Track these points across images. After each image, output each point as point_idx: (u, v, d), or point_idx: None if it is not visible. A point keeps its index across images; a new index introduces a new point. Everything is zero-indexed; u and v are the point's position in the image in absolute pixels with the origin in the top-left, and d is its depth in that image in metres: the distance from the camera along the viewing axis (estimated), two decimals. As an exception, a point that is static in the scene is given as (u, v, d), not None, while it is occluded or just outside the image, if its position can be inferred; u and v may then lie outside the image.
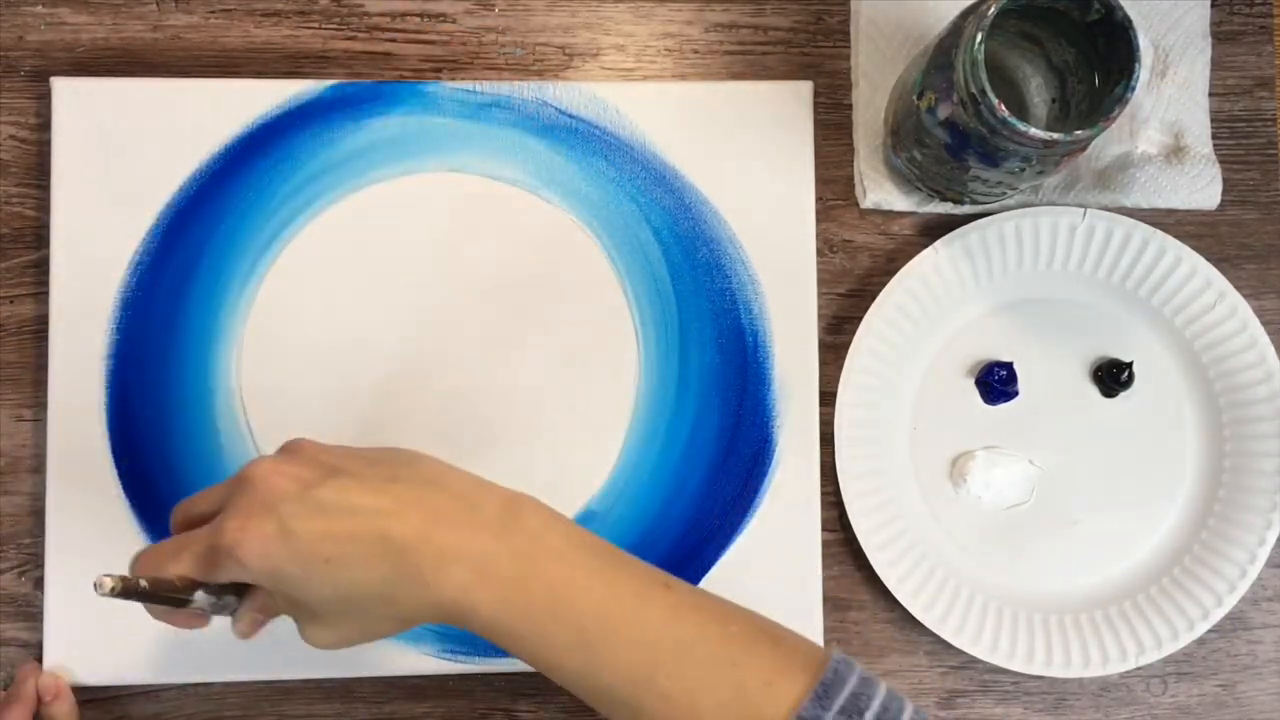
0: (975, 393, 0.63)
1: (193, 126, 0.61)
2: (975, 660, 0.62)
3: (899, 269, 0.62)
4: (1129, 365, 0.63)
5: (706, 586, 0.52)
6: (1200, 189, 0.63)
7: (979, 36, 0.51)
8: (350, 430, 0.60)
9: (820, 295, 0.63)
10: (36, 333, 0.61)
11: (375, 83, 0.62)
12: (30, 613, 0.60)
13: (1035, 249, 0.62)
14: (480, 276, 0.61)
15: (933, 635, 0.61)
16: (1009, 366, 0.63)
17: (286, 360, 0.61)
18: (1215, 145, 0.64)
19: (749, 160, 0.62)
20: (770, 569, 0.61)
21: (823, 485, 0.61)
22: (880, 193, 0.63)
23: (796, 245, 0.62)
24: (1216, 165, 0.64)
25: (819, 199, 0.63)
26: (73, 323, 0.60)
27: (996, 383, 0.63)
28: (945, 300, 0.62)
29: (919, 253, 0.62)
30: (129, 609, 0.58)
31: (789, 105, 0.63)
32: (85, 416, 0.59)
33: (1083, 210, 0.62)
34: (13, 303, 0.61)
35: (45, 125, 0.61)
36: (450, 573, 0.43)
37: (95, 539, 0.59)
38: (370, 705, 0.61)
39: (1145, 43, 0.63)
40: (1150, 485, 0.63)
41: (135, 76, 0.62)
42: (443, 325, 0.61)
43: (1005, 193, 0.61)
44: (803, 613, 0.61)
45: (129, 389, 0.60)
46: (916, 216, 0.64)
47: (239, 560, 0.43)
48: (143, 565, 0.46)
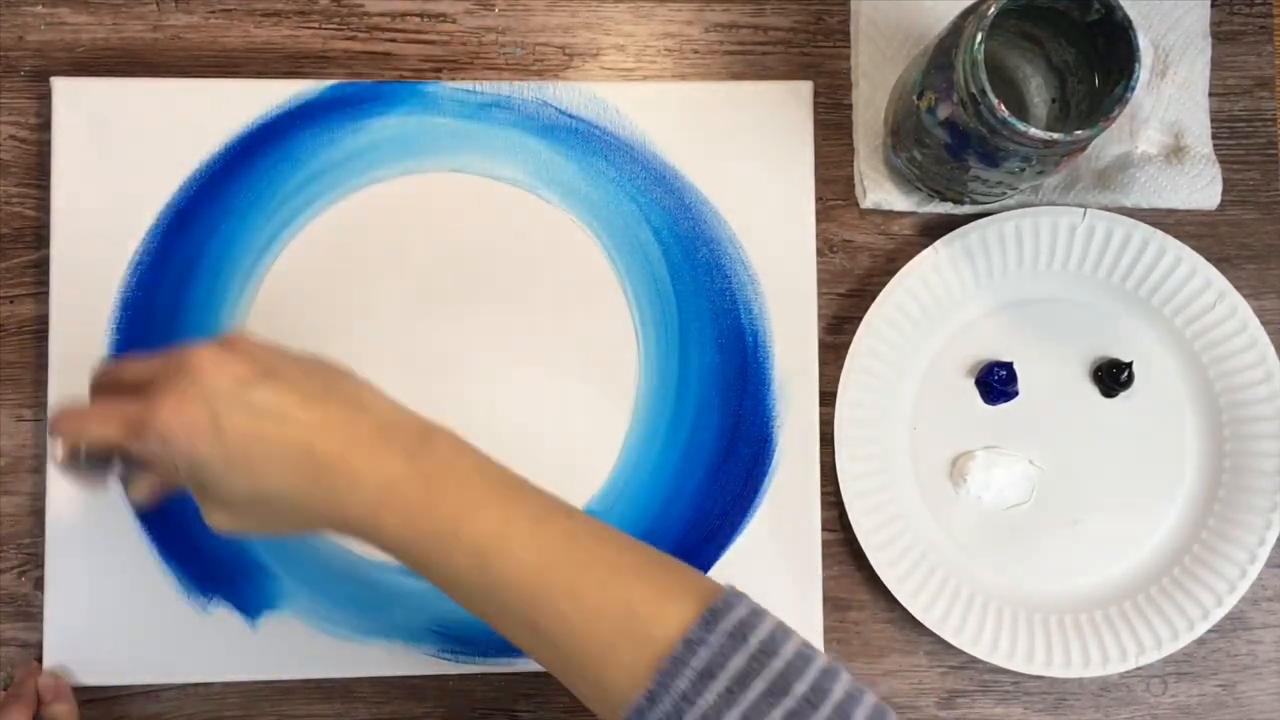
0: (975, 393, 0.63)
1: (193, 126, 0.61)
2: (975, 660, 0.62)
3: (899, 269, 0.62)
4: (1129, 365, 0.63)
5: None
6: (1200, 189, 0.63)
7: (979, 36, 0.51)
8: (350, 430, 0.60)
9: (820, 295, 0.63)
10: (36, 333, 0.61)
11: (375, 83, 0.62)
12: (30, 613, 0.60)
13: (1035, 249, 0.62)
14: (480, 276, 0.61)
15: (933, 635, 0.61)
16: (1009, 366, 0.63)
17: (286, 360, 0.61)
18: (1215, 145, 0.64)
19: (749, 160, 0.62)
20: (770, 569, 0.61)
21: (823, 485, 0.61)
22: (880, 193, 0.63)
23: (796, 245, 0.62)
24: (1216, 165, 0.64)
25: (819, 199, 0.63)
26: (73, 323, 0.60)
27: (996, 383, 0.63)
28: (945, 300, 0.62)
29: (919, 253, 0.62)
30: (128, 609, 0.58)
31: (789, 105, 0.63)
32: (85, 416, 0.59)
33: (1083, 210, 0.62)
34: (13, 303, 0.61)
35: (45, 125, 0.61)
36: (361, 493, 0.45)
37: (95, 539, 0.59)
38: (370, 705, 0.61)
39: (1145, 43, 0.63)
40: (1150, 485, 0.63)
41: (135, 76, 0.62)
42: (442, 325, 0.61)
43: (1005, 193, 0.61)
44: (803, 613, 0.61)
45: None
46: (916, 216, 0.64)
47: (165, 442, 0.44)
48: (66, 424, 0.47)
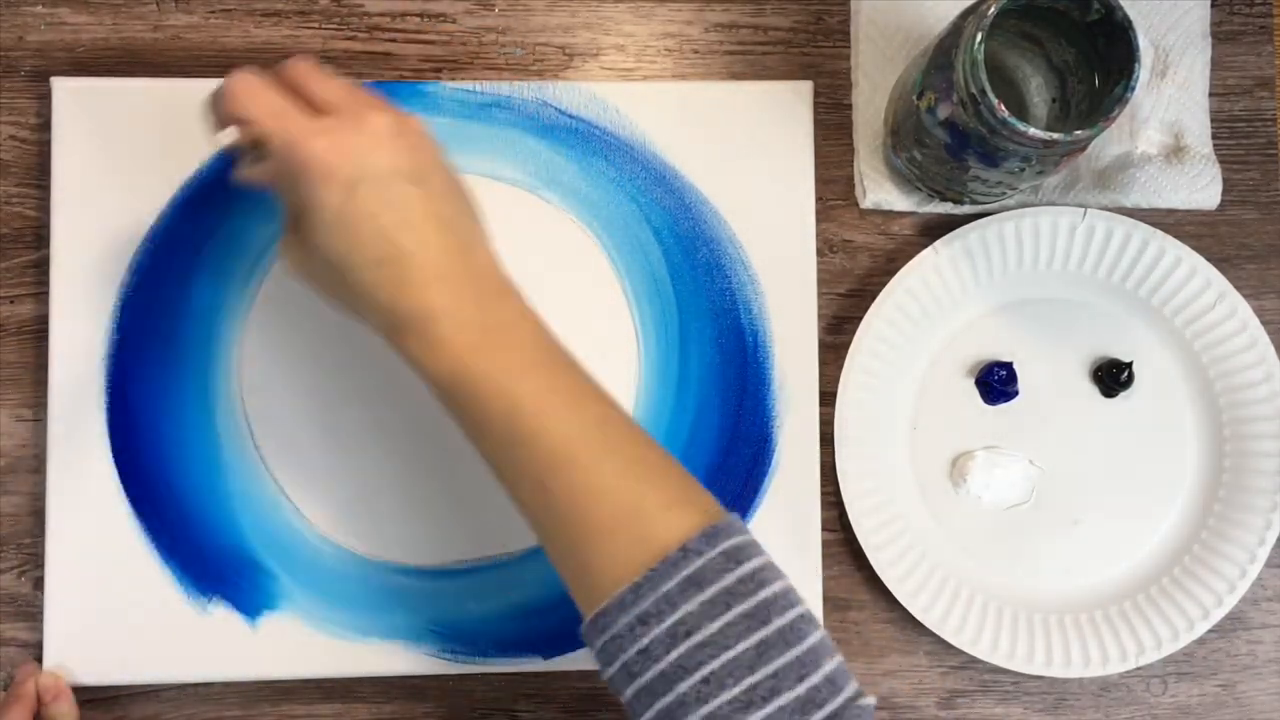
0: (975, 393, 0.63)
1: (193, 126, 0.60)
2: (975, 660, 0.62)
3: (899, 269, 0.62)
4: (1129, 365, 0.63)
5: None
6: (1200, 189, 0.63)
7: (979, 36, 0.51)
8: (350, 429, 0.60)
9: (820, 295, 0.63)
10: (36, 333, 0.61)
11: (375, 83, 0.62)
12: (30, 613, 0.60)
13: (1035, 249, 0.62)
14: (480, 276, 0.61)
15: (933, 635, 0.61)
16: (1009, 366, 0.63)
17: (286, 360, 0.61)
18: (1215, 145, 0.64)
19: (749, 160, 0.62)
20: (770, 569, 0.61)
21: (823, 485, 0.61)
22: (880, 193, 0.63)
23: (796, 245, 0.62)
24: (1216, 165, 0.64)
25: (819, 199, 0.63)
26: (73, 323, 0.59)
27: (996, 383, 0.63)
28: (945, 300, 0.62)
29: (919, 253, 0.62)
30: (128, 609, 0.58)
31: (789, 105, 0.63)
32: (85, 416, 0.59)
33: (1083, 210, 0.62)
34: (13, 303, 0.61)
35: (45, 125, 0.61)
36: (425, 318, 0.46)
37: (95, 539, 0.59)
38: (370, 705, 0.61)
39: (1145, 43, 0.63)
40: (1150, 485, 0.63)
41: (135, 76, 0.62)
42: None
43: (1005, 193, 0.61)
44: (803, 613, 0.61)
45: (129, 389, 0.60)
46: (916, 216, 0.64)
47: (301, 169, 0.45)
48: (241, 92, 0.47)
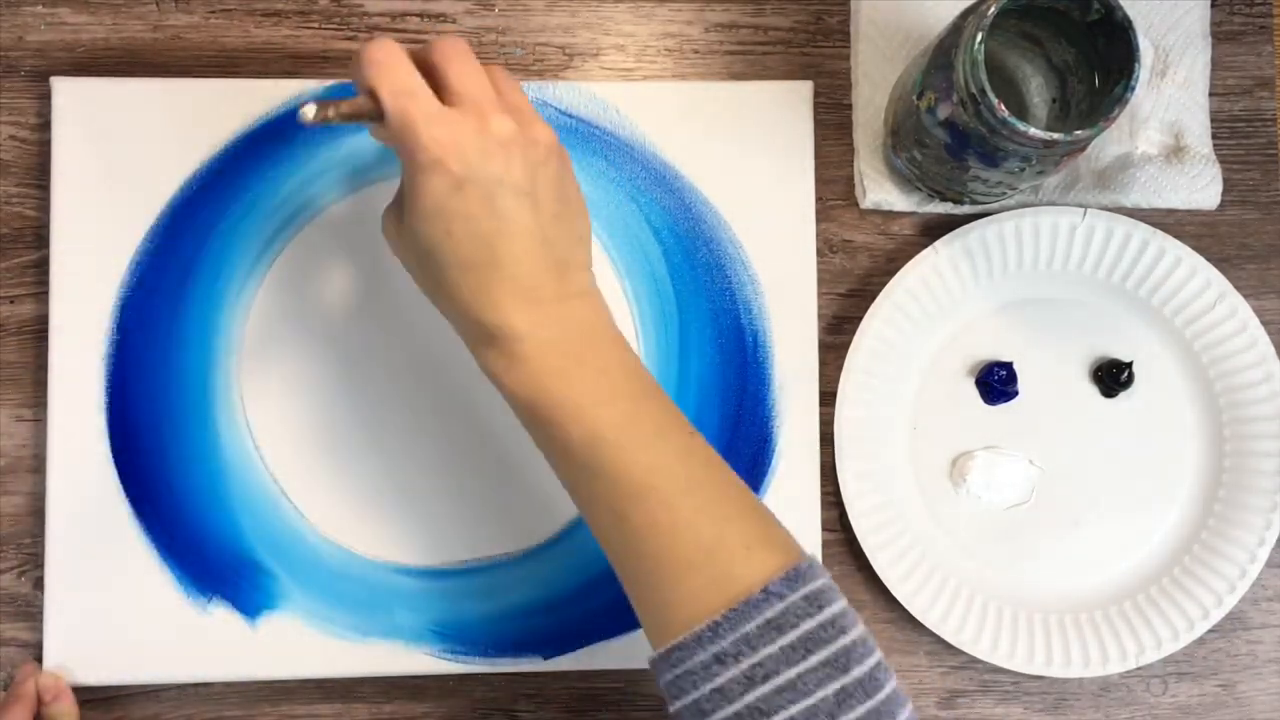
0: (975, 393, 0.63)
1: (193, 126, 0.61)
2: (975, 660, 0.62)
3: (899, 269, 0.62)
4: (1129, 365, 0.63)
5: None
6: (1200, 189, 0.63)
7: (979, 36, 0.51)
8: (350, 429, 0.60)
9: (820, 295, 0.63)
10: (36, 333, 0.61)
11: (375, 83, 0.62)
12: (30, 613, 0.60)
13: (1035, 249, 0.62)
14: (480, 276, 0.61)
15: (933, 635, 0.61)
16: (1009, 366, 0.63)
17: (286, 360, 0.61)
18: (1215, 145, 0.64)
19: (749, 160, 0.62)
20: (770, 569, 0.61)
21: (823, 485, 0.61)
22: (880, 193, 0.63)
23: (796, 245, 0.62)
24: (1216, 165, 0.64)
25: (819, 199, 0.63)
26: (73, 323, 0.59)
27: (996, 383, 0.63)
28: (945, 300, 0.62)
29: (919, 253, 0.62)
30: (128, 609, 0.58)
31: (789, 105, 0.63)
32: (85, 416, 0.59)
33: (1083, 210, 0.62)
34: (13, 303, 0.61)
35: (45, 125, 0.61)
36: (509, 339, 0.46)
37: (95, 539, 0.59)
38: (370, 705, 0.61)
39: (1145, 43, 0.63)
40: (1150, 485, 0.63)
41: (135, 76, 0.62)
42: (443, 325, 0.61)
43: (1005, 193, 0.61)
44: (803, 613, 0.61)
45: (129, 389, 0.60)
46: (916, 216, 0.64)
47: (413, 150, 0.44)
48: (376, 60, 0.45)
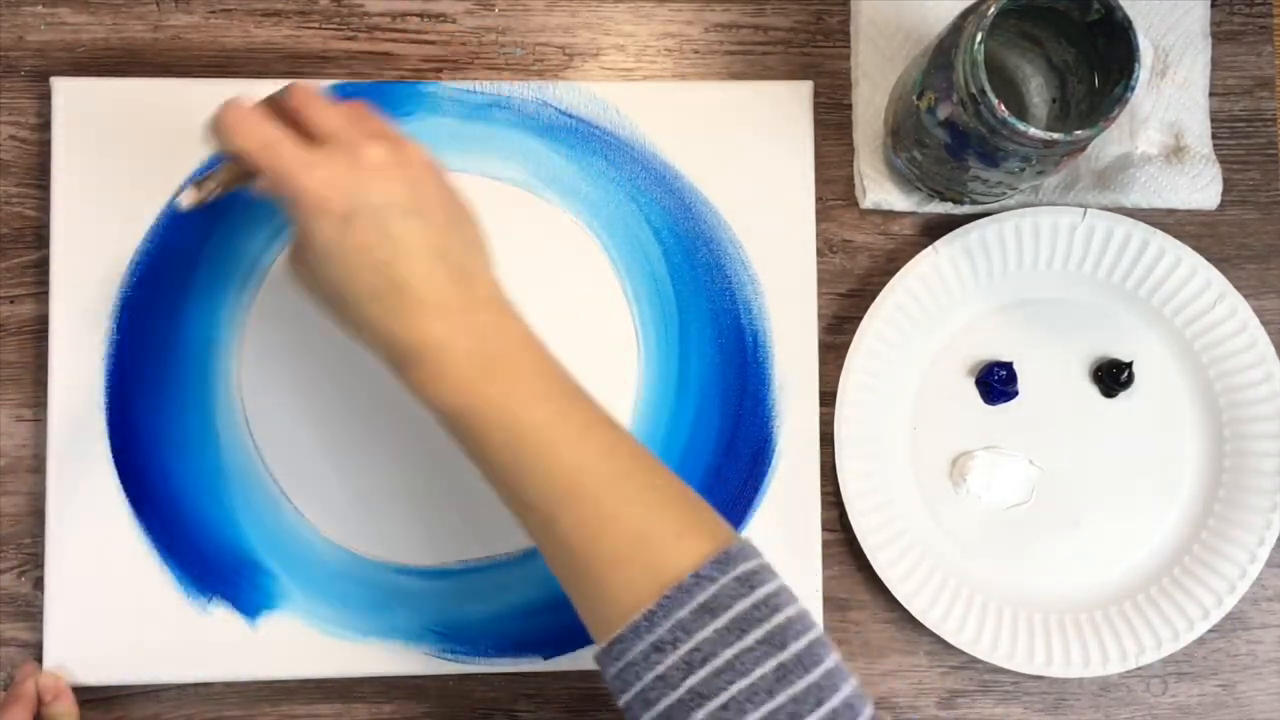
0: (975, 393, 0.63)
1: (193, 126, 0.60)
2: (975, 660, 0.62)
3: (899, 269, 0.62)
4: (1129, 365, 0.63)
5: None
6: (1200, 189, 0.63)
7: (979, 36, 0.51)
8: (350, 429, 0.60)
9: (820, 295, 0.63)
10: (36, 333, 0.61)
11: (375, 83, 0.62)
12: (30, 613, 0.60)
13: (1035, 249, 0.62)
14: (480, 276, 0.61)
15: (933, 635, 0.61)
16: (1009, 366, 0.63)
17: (286, 360, 0.61)
18: (1215, 145, 0.64)
19: (749, 160, 0.62)
20: (770, 569, 0.61)
21: (823, 485, 0.61)
22: (880, 193, 0.63)
23: (796, 245, 0.62)
24: (1216, 165, 0.64)
25: (819, 199, 0.63)
26: (73, 323, 0.59)
27: (996, 383, 0.63)
28: (945, 300, 0.62)
29: (919, 253, 0.62)
30: (128, 609, 0.58)
31: (789, 105, 0.63)
32: (85, 416, 0.59)
33: (1083, 210, 0.62)
34: (13, 303, 0.61)
35: (45, 125, 0.61)
36: (424, 352, 0.45)
37: (95, 539, 0.59)
38: (370, 705, 0.61)
39: (1145, 43, 0.63)
40: (1150, 485, 0.63)
41: (135, 76, 0.62)
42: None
43: (1005, 193, 0.61)
44: (803, 613, 0.61)
45: (129, 389, 0.60)
46: (916, 216, 0.64)
47: (294, 201, 0.44)
48: (231, 123, 0.46)
